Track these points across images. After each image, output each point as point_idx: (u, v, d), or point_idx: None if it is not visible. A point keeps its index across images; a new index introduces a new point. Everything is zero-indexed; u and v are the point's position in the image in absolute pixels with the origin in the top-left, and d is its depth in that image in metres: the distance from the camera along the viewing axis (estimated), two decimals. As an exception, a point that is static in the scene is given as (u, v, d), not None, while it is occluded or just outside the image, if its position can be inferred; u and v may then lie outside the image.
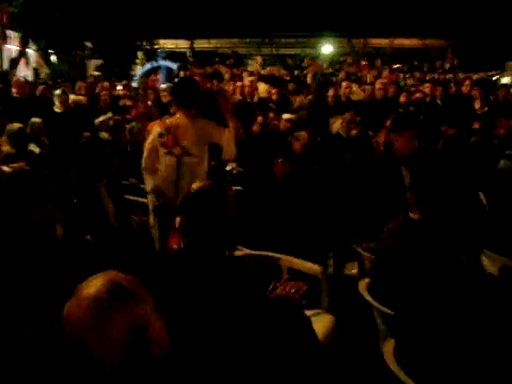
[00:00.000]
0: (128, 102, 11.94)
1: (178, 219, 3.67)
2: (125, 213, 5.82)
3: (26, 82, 11.07)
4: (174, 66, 24.71)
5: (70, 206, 4.99)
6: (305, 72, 18.87)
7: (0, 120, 8.73)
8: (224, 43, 27.97)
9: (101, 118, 9.26)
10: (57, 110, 9.90)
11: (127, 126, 8.76)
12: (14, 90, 10.47)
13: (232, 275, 3.16)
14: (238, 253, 4.22)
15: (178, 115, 6.03)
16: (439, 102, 10.64)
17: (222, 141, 5.83)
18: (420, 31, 26.17)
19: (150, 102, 10.62)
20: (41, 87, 11.01)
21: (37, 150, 7.89)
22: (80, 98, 10.99)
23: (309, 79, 16.62)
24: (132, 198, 6.83)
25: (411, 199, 4.26)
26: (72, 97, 10.86)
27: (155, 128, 6.12)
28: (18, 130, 7.73)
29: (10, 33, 19.54)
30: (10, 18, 18.87)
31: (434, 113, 9.66)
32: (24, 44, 18.41)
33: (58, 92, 10.06)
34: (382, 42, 27.14)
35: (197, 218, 3.25)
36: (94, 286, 1.97)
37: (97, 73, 20.73)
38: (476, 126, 8.89)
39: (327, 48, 27.29)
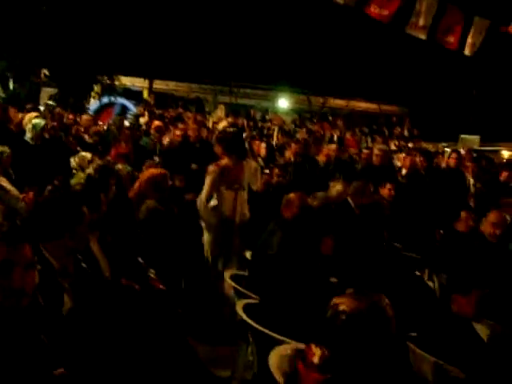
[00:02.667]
0: (96, 139, 11.13)
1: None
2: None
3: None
4: (128, 103, 24.09)
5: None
6: (268, 125, 18.55)
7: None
8: (182, 86, 27.45)
9: (76, 159, 8.39)
10: (30, 141, 8.93)
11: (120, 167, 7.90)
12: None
13: None
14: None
15: (226, 159, 7.19)
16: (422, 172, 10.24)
17: (257, 175, 7.68)
18: (377, 96, 26.26)
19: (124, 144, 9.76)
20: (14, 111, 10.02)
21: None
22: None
23: (275, 132, 16.22)
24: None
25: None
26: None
27: (213, 169, 7.14)
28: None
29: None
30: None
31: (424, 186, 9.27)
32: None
33: (36, 123, 9.01)
34: (340, 102, 27.14)
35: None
36: None
37: (50, 102, 19.78)
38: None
39: (283, 103, 27.10)
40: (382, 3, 11.31)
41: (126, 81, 25.22)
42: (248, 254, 6.32)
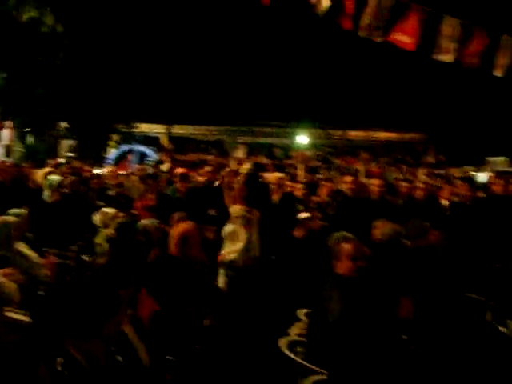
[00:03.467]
0: (118, 190, 10.48)
1: None
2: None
3: (11, 164, 9.41)
4: (147, 150, 23.66)
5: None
6: (292, 162, 17.89)
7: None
8: (200, 130, 26.98)
9: (99, 216, 7.69)
10: (47, 199, 8.27)
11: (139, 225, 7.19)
12: (-6, 175, 8.88)
13: None
14: None
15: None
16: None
17: None
18: (397, 124, 25.55)
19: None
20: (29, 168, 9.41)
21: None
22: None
23: (299, 170, 15.50)
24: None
25: None
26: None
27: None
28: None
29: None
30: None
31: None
32: (1, 121, 16.95)
33: (52, 179, 8.36)
34: (359, 134, 26.42)
35: None
36: None
37: (70, 154, 19.40)
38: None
39: (303, 139, 26.43)
40: (405, 30, 10.63)
41: (144, 127, 24.86)
42: (301, 314, 5.54)
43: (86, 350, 3.05)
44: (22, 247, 6.40)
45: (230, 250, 6.97)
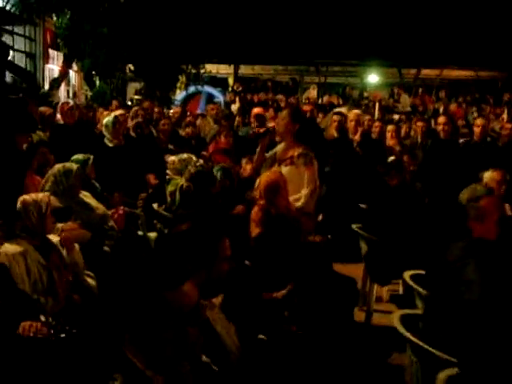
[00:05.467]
0: (189, 131, 9.58)
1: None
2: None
3: (74, 106, 8.55)
4: (215, 91, 22.78)
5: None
6: (365, 102, 16.68)
7: (42, 154, 6.40)
8: (267, 70, 25.77)
9: (171, 160, 6.77)
10: (108, 143, 7.39)
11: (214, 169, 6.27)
12: (59, 116, 8.05)
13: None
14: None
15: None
16: None
17: None
18: (473, 62, 23.65)
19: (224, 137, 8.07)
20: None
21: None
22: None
23: (377, 109, 14.35)
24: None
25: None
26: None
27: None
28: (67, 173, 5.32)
29: (54, 53, 17.35)
30: (53, 38, 16.73)
31: None
32: (67, 64, 16.14)
33: (109, 119, 7.45)
34: (433, 72, 24.65)
35: None
36: None
37: (137, 96, 18.64)
38: None
39: (373, 78, 24.92)
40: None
41: (211, 68, 23.90)
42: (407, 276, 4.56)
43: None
44: (87, 197, 5.58)
45: (295, 197, 5.87)
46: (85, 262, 4.61)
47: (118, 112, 7.93)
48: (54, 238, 4.44)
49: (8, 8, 13.88)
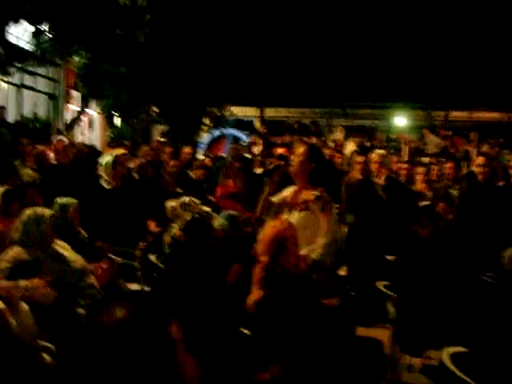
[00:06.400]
0: (199, 174, 8.68)
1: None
2: None
3: (69, 145, 7.72)
4: (240, 134, 22.06)
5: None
6: (394, 144, 15.75)
7: (33, 195, 5.57)
8: (294, 112, 25.04)
9: (170, 205, 5.85)
10: (105, 185, 6.47)
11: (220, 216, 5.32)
12: (51, 156, 7.21)
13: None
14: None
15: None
16: None
17: None
18: (503, 104, 22.62)
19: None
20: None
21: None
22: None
23: (403, 152, 13.40)
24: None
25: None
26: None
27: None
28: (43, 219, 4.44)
29: (76, 94, 16.83)
30: (75, 79, 16.24)
31: None
32: (84, 104, 15.54)
33: (106, 160, 6.55)
34: (463, 114, 23.64)
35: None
36: None
37: (162, 139, 17.97)
38: None
39: (401, 120, 24.02)
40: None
41: (237, 111, 23.26)
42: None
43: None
44: (63, 248, 4.65)
45: (309, 248, 4.81)
46: (42, 330, 3.66)
47: (120, 151, 7.05)
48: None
49: (28, 48, 13.36)
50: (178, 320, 2.10)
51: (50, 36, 12.74)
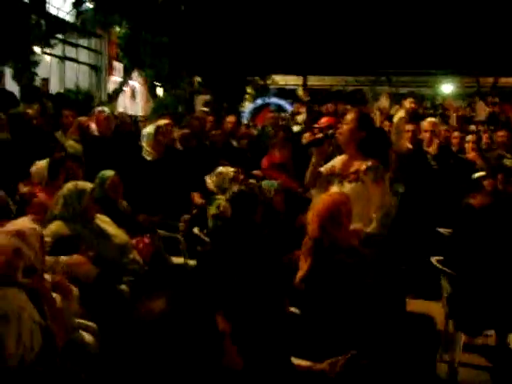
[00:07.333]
0: (243, 143, 8.44)
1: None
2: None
3: (111, 116, 7.54)
4: (283, 103, 21.71)
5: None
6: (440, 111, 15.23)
7: (74, 167, 5.42)
8: (337, 80, 24.49)
9: (214, 177, 5.65)
10: (147, 156, 6.29)
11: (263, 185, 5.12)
12: (93, 127, 7.05)
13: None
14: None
15: None
16: None
17: None
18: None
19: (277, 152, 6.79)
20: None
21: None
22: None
23: (454, 119, 12.93)
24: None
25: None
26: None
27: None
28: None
29: (119, 65, 16.71)
30: (118, 50, 16.12)
31: None
32: (127, 74, 15.41)
33: (148, 130, 6.37)
34: (510, 80, 22.72)
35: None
36: None
37: (205, 108, 17.73)
38: None
39: (447, 88, 23.28)
40: None
41: (279, 80, 22.89)
42: None
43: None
44: (105, 223, 4.48)
45: (364, 222, 4.50)
46: (86, 309, 3.50)
47: (163, 122, 6.85)
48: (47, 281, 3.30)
49: (69, 20, 13.26)
50: (224, 309, 1.89)
51: (91, 6, 12.59)
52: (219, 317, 1.80)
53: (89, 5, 12.66)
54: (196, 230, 5.62)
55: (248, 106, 21.33)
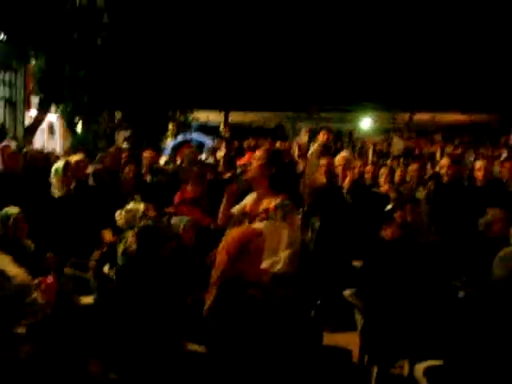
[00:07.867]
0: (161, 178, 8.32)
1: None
2: None
3: (17, 151, 7.29)
4: (205, 139, 21.67)
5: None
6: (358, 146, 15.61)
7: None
8: (258, 117, 24.79)
9: (123, 213, 5.48)
10: (56, 192, 6.07)
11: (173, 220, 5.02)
12: (-1, 162, 6.78)
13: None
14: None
15: None
16: None
17: None
18: (466, 106, 22.73)
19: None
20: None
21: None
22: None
23: (370, 154, 13.24)
24: None
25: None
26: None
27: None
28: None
29: (37, 98, 16.25)
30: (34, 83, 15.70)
31: None
32: (42, 108, 14.98)
33: (57, 166, 6.16)
34: (426, 116, 23.68)
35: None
36: None
37: (125, 145, 17.47)
38: None
39: (366, 123, 23.95)
40: None
41: (202, 116, 22.90)
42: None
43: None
44: (2, 260, 4.25)
45: (274, 259, 4.47)
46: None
47: (74, 157, 6.66)
48: None
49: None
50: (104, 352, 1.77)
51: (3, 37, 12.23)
52: (93, 361, 1.68)
53: (2, 36, 12.28)
54: (106, 269, 5.43)
55: (169, 143, 21.16)
